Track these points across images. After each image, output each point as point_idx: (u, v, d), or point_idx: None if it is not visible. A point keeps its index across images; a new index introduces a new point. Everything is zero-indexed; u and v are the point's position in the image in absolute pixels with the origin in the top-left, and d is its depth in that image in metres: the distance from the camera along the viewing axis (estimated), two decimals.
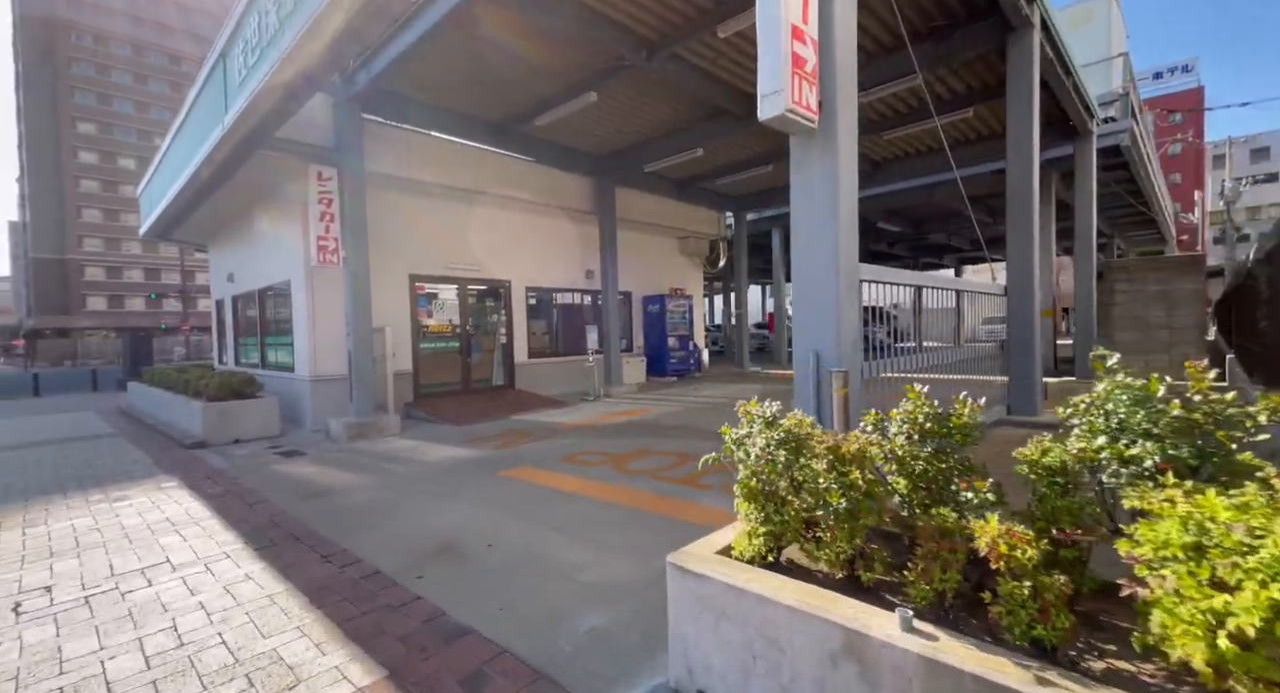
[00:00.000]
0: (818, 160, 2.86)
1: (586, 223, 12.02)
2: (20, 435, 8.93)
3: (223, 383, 7.94)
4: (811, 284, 2.86)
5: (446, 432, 7.89)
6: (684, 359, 13.45)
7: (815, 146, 2.93)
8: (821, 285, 2.82)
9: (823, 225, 2.80)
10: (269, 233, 9.61)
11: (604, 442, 6.64)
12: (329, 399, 8.55)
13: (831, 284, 2.79)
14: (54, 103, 50.15)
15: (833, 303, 2.79)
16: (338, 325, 8.55)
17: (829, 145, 2.85)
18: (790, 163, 3.00)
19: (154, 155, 11.20)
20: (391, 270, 9.13)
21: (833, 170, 2.81)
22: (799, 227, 3.01)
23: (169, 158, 10.19)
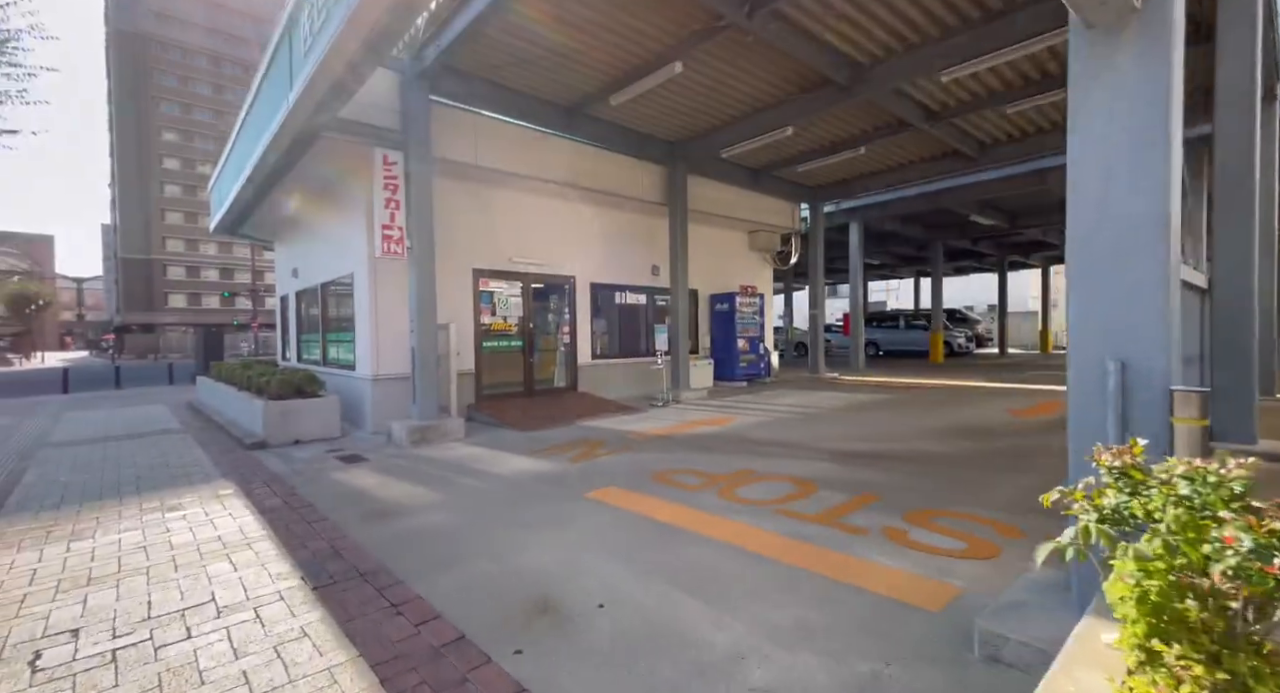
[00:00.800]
0: (1134, 63, 1.86)
1: (654, 215, 11.24)
2: (96, 428, 8.92)
3: (284, 381, 7.57)
4: (1112, 256, 1.88)
5: (513, 438, 7.25)
6: (754, 363, 12.46)
7: (1131, 40, 1.89)
8: (1132, 258, 1.83)
9: (1139, 162, 1.82)
10: (332, 225, 9.28)
11: (694, 458, 5.80)
12: (390, 400, 8.08)
13: (1154, 256, 1.81)
14: (141, 113, 53.67)
15: (1157, 284, 1.81)
16: (400, 322, 8.07)
17: (1157, 37, 1.85)
18: (1072, 76, 2.03)
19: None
20: (454, 264, 8.60)
21: (1161, 77, 1.83)
22: (1085, 168, 2.01)
23: (235, 151, 10.04)
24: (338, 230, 9.11)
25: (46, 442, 7.93)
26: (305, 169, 8.40)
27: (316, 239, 10.22)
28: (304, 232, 11.02)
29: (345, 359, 9.03)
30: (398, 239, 7.03)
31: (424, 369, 7.20)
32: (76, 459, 6.66)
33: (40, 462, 6.55)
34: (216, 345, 20.24)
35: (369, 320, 7.99)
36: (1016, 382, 12.46)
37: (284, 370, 8.40)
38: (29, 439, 8.12)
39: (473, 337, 8.89)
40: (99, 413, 10.96)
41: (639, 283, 11.36)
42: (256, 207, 10.51)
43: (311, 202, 10.06)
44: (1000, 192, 12.78)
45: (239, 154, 9.61)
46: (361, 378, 8.29)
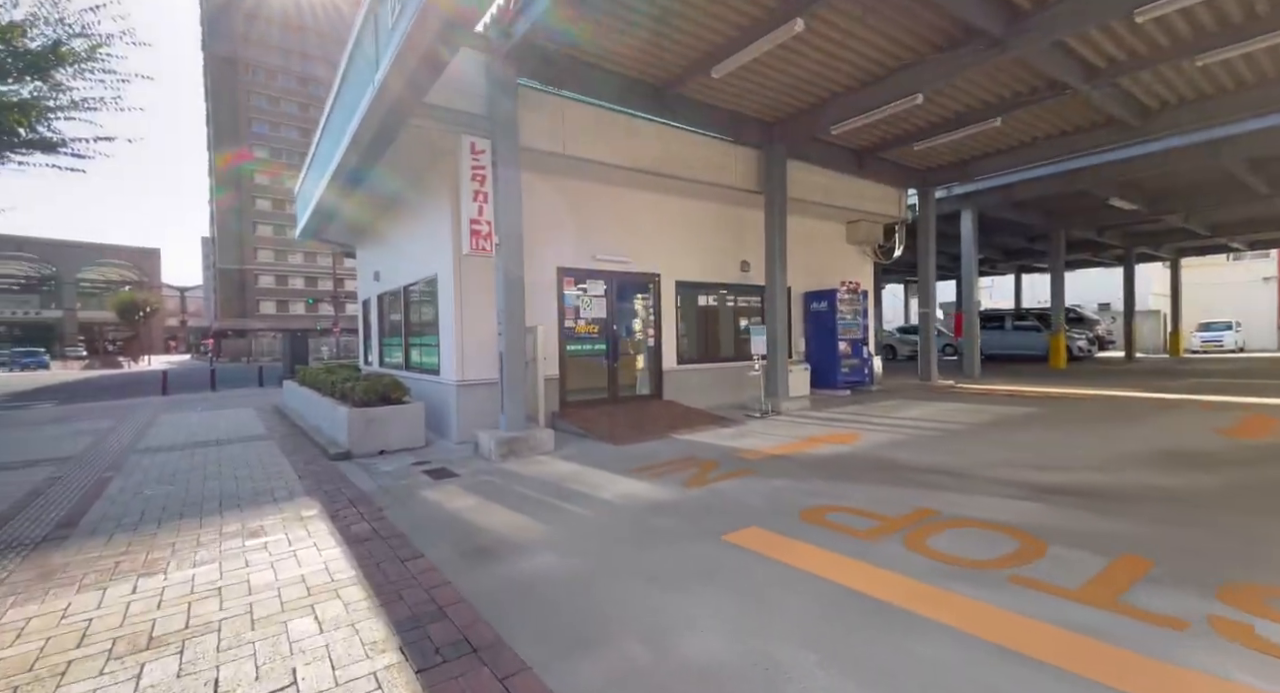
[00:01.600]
0: None
1: (743, 205, 10.26)
2: (186, 433, 8.91)
3: (369, 387, 7.13)
4: None
5: (606, 453, 6.46)
6: (856, 369, 11.18)
7: None
8: None
9: None
10: (415, 225, 8.87)
11: (839, 489, 4.77)
12: (476, 407, 7.51)
13: None
14: (235, 131, 57.86)
15: None
16: (486, 325, 7.51)
17: None
18: None
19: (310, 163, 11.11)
20: (537, 263, 7.95)
21: None
22: None
23: (318, 154, 9.89)
24: (421, 230, 8.69)
25: (138, 447, 7.87)
26: (388, 165, 8.00)
27: (399, 241, 9.90)
28: (386, 234, 10.77)
29: (429, 364, 8.57)
30: (486, 234, 6.42)
31: (512, 375, 6.54)
32: (164, 468, 6.43)
33: (127, 471, 6.35)
34: (302, 350, 20.91)
35: (453, 323, 7.45)
36: (1183, 392, 10.54)
37: (367, 376, 8.02)
38: (122, 444, 8.11)
39: (556, 340, 8.21)
40: (191, 416, 11.14)
41: (727, 280, 10.39)
42: (339, 209, 10.33)
43: (393, 203, 9.75)
44: (1151, 169, 10.90)
45: (322, 155, 9.42)
46: (446, 383, 7.76)
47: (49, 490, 5.54)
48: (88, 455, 7.39)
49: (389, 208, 10.06)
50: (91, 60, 9.57)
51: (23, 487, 5.69)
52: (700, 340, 10.19)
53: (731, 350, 10.52)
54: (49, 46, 9.15)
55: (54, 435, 9.10)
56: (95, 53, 9.52)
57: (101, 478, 6.08)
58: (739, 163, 9.43)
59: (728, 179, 9.22)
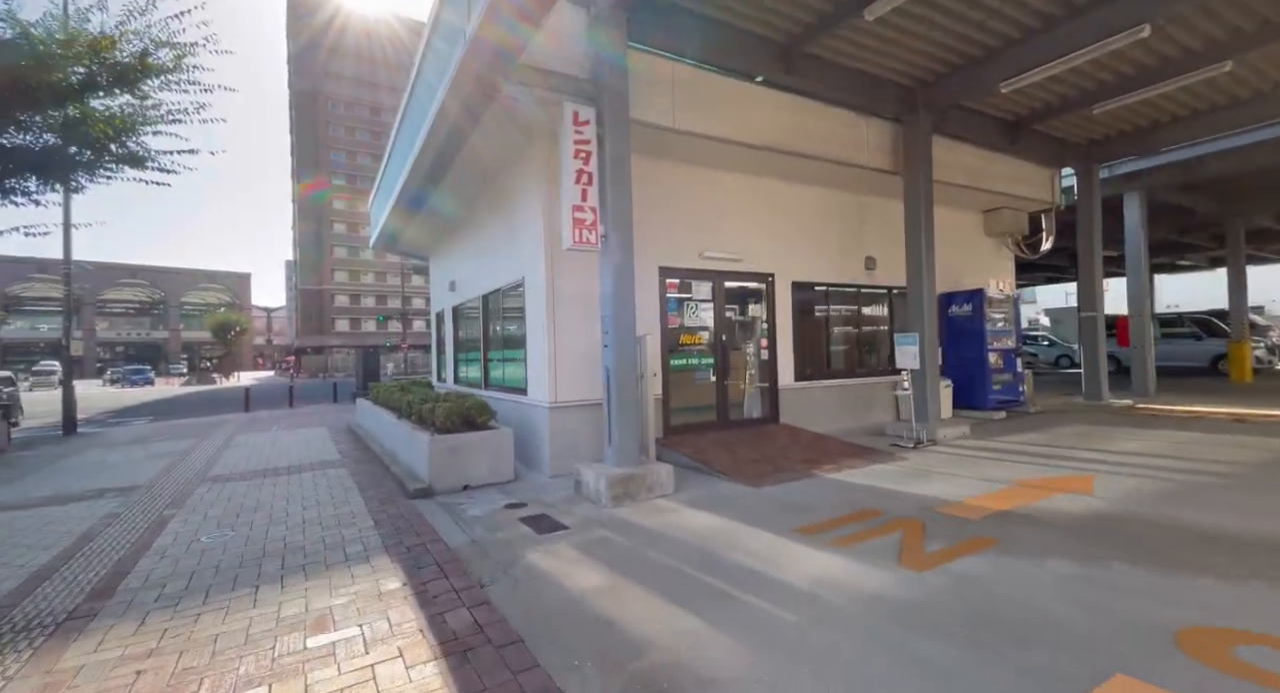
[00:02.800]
0: None
1: (869, 191, 8.71)
2: (258, 458, 8.24)
3: (452, 409, 6.07)
4: None
5: (743, 497, 5.06)
6: (1009, 385, 9.26)
7: None
8: None
9: None
10: (499, 223, 7.88)
11: (1176, 583, 3.12)
12: (571, 433, 6.32)
13: None
14: (315, 160, 61.27)
15: None
16: (583, 336, 6.34)
17: None
18: None
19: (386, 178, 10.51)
20: (638, 260, 6.71)
21: None
22: None
23: (396, 147, 9.17)
24: (505, 230, 7.68)
25: (208, 475, 7.18)
26: (468, 160, 7.07)
27: (478, 246, 8.98)
28: (462, 240, 9.93)
29: (512, 381, 7.49)
30: (590, 223, 5.23)
31: (622, 396, 5.27)
32: (228, 504, 5.59)
33: (191, 506, 5.54)
34: (373, 366, 20.82)
35: (545, 335, 6.31)
36: None
37: (446, 395, 7.02)
38: (194, 470, 7.46)
39: (659, 352, 6.91)
40: (266, 436, 10.63)
41: (849, 281, 8.81)
42: (417, 209, 9.57)
43: (472, 203, 8.86)
44: None
45: (401, 145, 8.67)
46: (534, 404, 6.62)
47: (102, 534, 4.74)
48: (157, 484, 6.74)
49: (467, 209, 9.19)
50: (177, 71, 9.27)
51: (79, 527, 4.95)
52: (820, 352, 8.64)
53: (855, 364, 8.90)
54: (136, 56, 8.91)
55: (132, 458, 8.67)
56: (181, 63, 9.20)
57: (162, 517, 5.27)
58: (870, 138, 7.89)
59: (858, 157, 7.71)
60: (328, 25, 63.72)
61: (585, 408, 6.44)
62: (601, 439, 6.38)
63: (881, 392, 8.94)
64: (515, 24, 4.33)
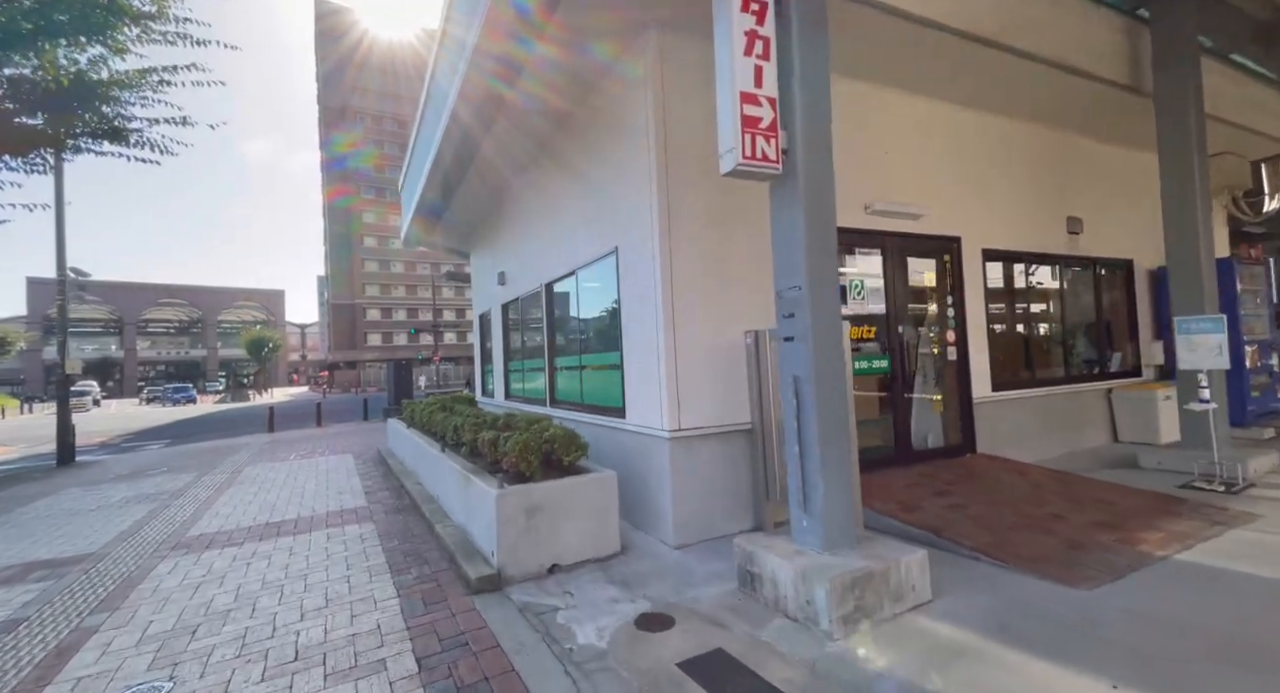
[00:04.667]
0: None
1: (1078, 127, 6.36)
2: (262, 502, 6.29)
3: (528, 444, 3.91)
4: None
5: (1069, 610, 2.78)
6: (1267, 390, 6.67)
7: None
8: None
9: None
10: (573, 179, 5.76)
11: None
12: (702, 479, 4.14)
13: None
14: (344, 174, 61.04)
15: None
16: (709, 329, 4.19)
17: None
18: None
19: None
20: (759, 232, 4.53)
21: None
22: None
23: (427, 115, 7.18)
24: (582, 184, 5.57)
25: (187, 534, 5.20)
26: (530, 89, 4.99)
27: (537, 219, 6.90)
28: (515, 218, 7.88)
29: (598, 396, 5.32)
30: (768, 126, 3.02)
31: (827, 422, 3.03)
32: (189, 603, 3.59)
33: (131, 607, 3.53)
34: (405, 379, 19.06)
35: (657, 326, 4.14)
36: None
37: (505, 418, 4.90)
38: (171, 527, 5.49)
39: None
40: (282, 468, 8.73)
41: (1048, 249, 6.41)
42: (452, 186, 7.56)
43: (530, 165, 6.79)
44: None
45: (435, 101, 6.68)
46: (641, 432, 4.43)
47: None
48: (112, 552, 4.80)
49: (518, 175, 7.13)
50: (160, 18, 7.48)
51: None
52: (1018, 350, 6.26)
53: (1062, 366, 6.48)
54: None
55: (108, 503, 6.80)
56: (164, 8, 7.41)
57: (79, 630, 3.25)
58: (1100, 35, 5.49)
59: (1087, 61, 5.32)
60: (355, 46, 63.88)
61: (721, 438, 4.25)
62: (747, 488, 4.16)
63: (1092, 403, 6.50)
64: None
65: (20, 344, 41.76)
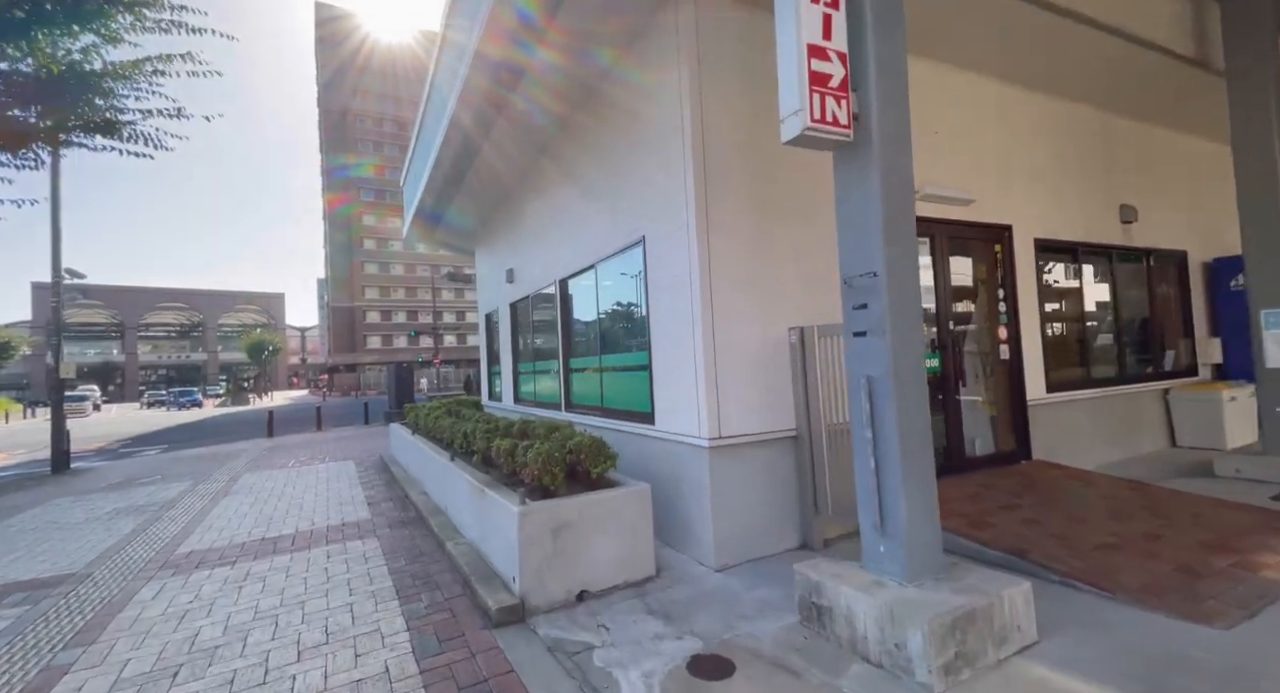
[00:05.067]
0: None
1: (1126, 109, 5.93)
2: (259, 513, 5.87)
3: (550, 456, 3.48)
4: None
5: (1205, 652, 2.31)
6: None
7: None
8: None
9: None
10: (592, 161, 5.33)
11: None
12: (746, 491, 3.74)
13: None
14: (344, 177, 60.68)
15: None
16: (753, 326, 3.80)
17: None
18: None
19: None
20: (815, 197, 4.13)
21: None
22: None
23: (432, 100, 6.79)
24: (603, 168, 5.15)
25: (176, 551, 4.78)
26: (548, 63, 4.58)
27: (551, 211, 6.49)
28: (524, 211, 7.47)
29: (622, 399, 4.88)
30: (838, 85, 2.60)
31: (909, 430, 2.61)
32: (173, 636, 3.19)
33: (109, 640, 3.12)
34: (407, 382, 18.60)
35: (694, 323, 3.72)
36: None
37: (519, 424, 4.47)
38: (160, 542, 5.07)
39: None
40: (280, 476, 8.31)
41: (1100, 239, 5.98)
42: (462, 173, 7.14)
43: (542, 149, 6.38)
44: None
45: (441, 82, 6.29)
46: (674, 439, 4.00)
47: None
48: (96, 572, 4.41)
49: (530, 162, 6.72)
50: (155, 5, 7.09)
51: None
52: (1071, 348, 5.82)
53: (1113, 365, 6.04)
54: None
55: (96, 515, 6.39)
56: None
57: (48, 670, 2.84)
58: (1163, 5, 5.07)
59: (1155, 31, 4.88)
60: (355, 50, 63.59)
61: (764, 447, 3.83)
62: (792, 501, 3.74)
63: (1148, 404, 6.07)
64: None
65: (24, 349, 41.36)
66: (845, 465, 3.67)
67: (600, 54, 4.49)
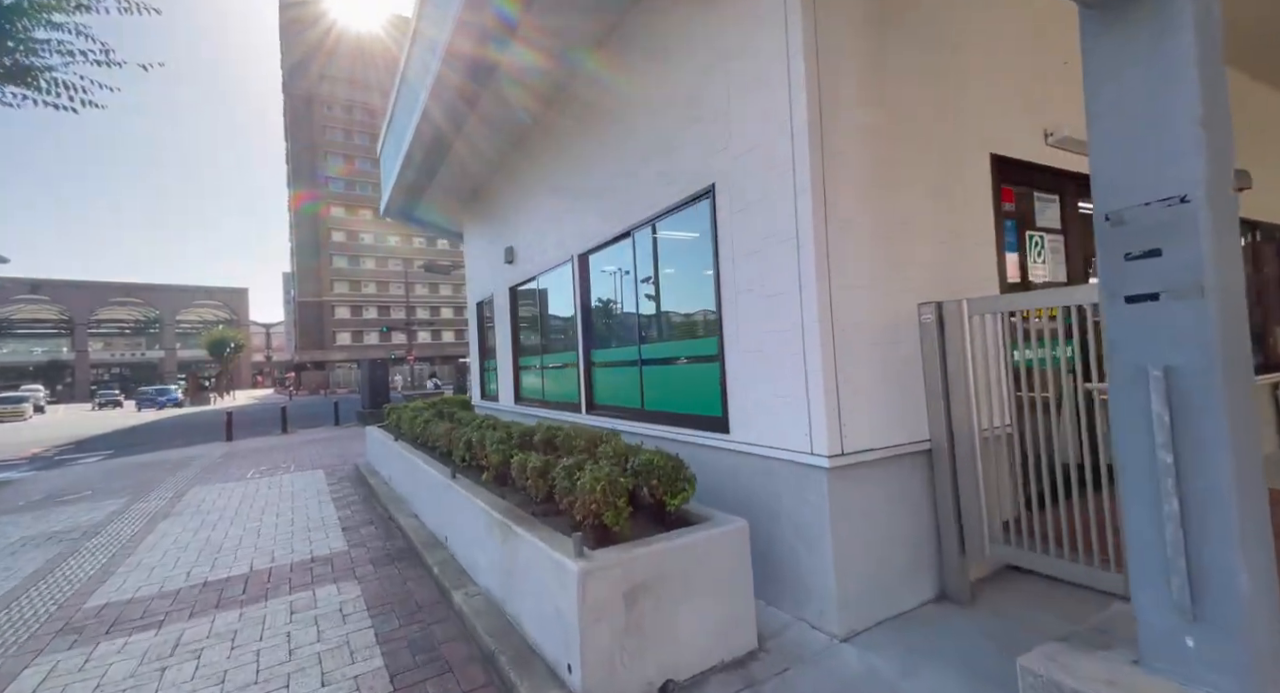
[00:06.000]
0: None
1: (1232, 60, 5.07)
2: (203, 542, 4.63)
3: (613, 483, 2.41)
4: None
5: None
6: None
7: None
8: None
9: None
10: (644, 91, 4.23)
11: None
12: (872, 524, 2.74)
13: None
14: (312, 166, 58.02)
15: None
16: (884, 296, 2.81)
17: None
18: None
19: None
20: (956, 137, 3.16)
21: None
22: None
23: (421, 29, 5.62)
24: (669, 87, 4.07)
25: (85, 605, 3.56)
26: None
27: (577, 168, 5.37)
28: (532, 175, 6.32)
29: (680, 401, 3.80)
30: None
31: (1244, 453, 1.59)
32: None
33: None
34: (382, 380, 17.20)
35: (810, 289, 2.68)
36: None
37: (548, 432, 3.39)
38: (65, 594, 3.82)
39: (996, 330, 3.17)
40: (236, 490, 7.02)
41: None
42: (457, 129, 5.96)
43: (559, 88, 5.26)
44: None
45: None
46: (761, 452, 2.98)
47: None
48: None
49: (546, 111, 5.59)
50: None
51: None
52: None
53: None
54: None
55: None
56: None
57: None
58: None
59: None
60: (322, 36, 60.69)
61: (893, 464, 2.83)
62: (925, 536, 2.75)
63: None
64: None
65: None
66: (998, 485, 2.73)
67: None
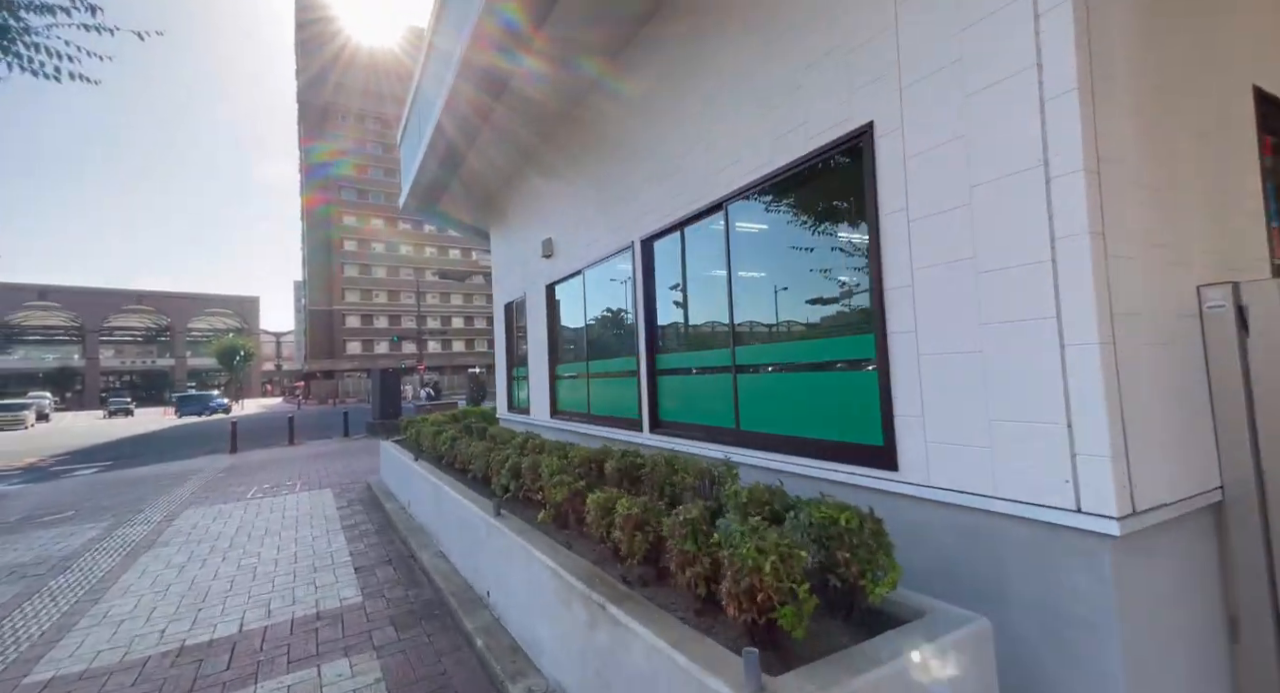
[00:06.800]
0: None
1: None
2: (185, 592, 3.72)
3: (793, 557, 1.48)
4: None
5: None
6: None
7: None
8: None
9: None
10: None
11: None
12: (1161, 617, 1.72)
13: None
14: (325, 175, 57.96)
15: None
16: (1159, 274, 1.85)
17: None
18: None
19: None
20: (1219, 63, 2.23)
21: None
22: None
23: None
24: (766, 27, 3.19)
25: (26, 679, 2.66)
26: None
27: (645, 132, 4.51)
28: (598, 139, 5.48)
29: (808, 422, 2.87)
30: None
31: None
32: None
33: None
34: (394, 390, 16.38)
35: (1083, 243, 1.76)
36: None
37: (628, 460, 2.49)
38: (13, 653, 2.92)
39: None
40: (234, 514, 6.16)
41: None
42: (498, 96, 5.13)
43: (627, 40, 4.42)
44: None
45: None
46: (973, 505, 2.05)
47: None
48: None
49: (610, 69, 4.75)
50: None
51: None
52: None
53: None
54: None
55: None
56: None
57: None
58: None
59: None
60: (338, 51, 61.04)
61: (1180, 528, 1.88)
62: (1215, 629, 1.74)
63: None
64: None
65: None
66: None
67: None
